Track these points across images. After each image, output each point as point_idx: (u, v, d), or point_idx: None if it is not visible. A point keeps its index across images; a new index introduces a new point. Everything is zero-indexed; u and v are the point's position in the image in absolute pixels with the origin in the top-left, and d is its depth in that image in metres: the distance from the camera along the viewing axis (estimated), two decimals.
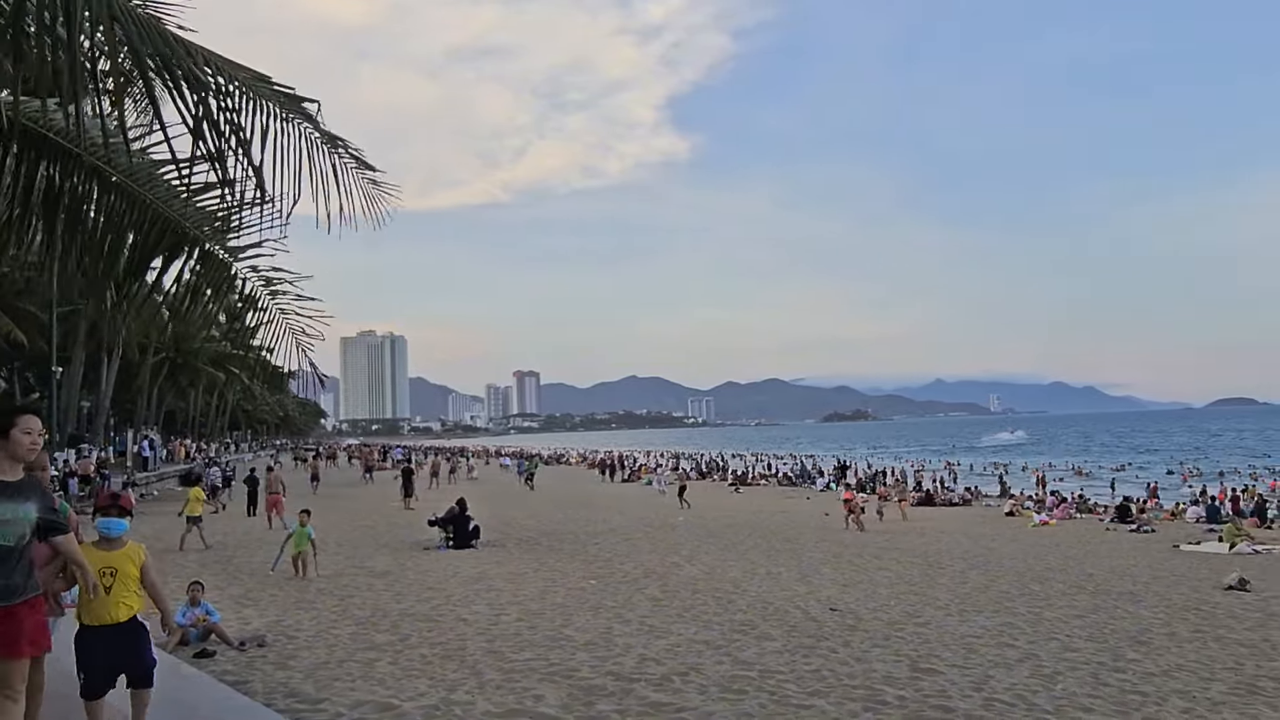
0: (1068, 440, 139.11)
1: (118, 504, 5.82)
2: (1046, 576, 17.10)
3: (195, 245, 7.04)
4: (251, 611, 12.22)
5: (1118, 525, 29.36)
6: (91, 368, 46.44)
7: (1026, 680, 9.17)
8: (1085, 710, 8.20)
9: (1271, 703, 8.76)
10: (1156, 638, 11.66)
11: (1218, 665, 10.25)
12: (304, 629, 11.05)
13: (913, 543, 22.84)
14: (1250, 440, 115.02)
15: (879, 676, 9.09)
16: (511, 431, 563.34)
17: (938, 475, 60.78)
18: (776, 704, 7.98)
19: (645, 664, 9.37)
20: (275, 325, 7.34)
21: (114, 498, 5.96)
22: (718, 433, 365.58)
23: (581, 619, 11.82)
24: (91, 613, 5.39)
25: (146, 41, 5.09)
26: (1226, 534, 23.81)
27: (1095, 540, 25.08)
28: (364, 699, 7.89)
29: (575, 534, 22.59)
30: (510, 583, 14.82)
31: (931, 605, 13.59)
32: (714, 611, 12.53)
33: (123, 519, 5.72)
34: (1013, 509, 34.90)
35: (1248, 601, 14.77)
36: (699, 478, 60.97)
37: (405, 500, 30.94)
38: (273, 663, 9.26)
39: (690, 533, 23.46)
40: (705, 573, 16.33)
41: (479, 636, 10.62)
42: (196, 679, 7.75)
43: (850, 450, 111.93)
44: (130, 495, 6.76)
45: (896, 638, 11.09)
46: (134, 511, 6.19)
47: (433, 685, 8.40)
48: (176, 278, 7.16)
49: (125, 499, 6.04)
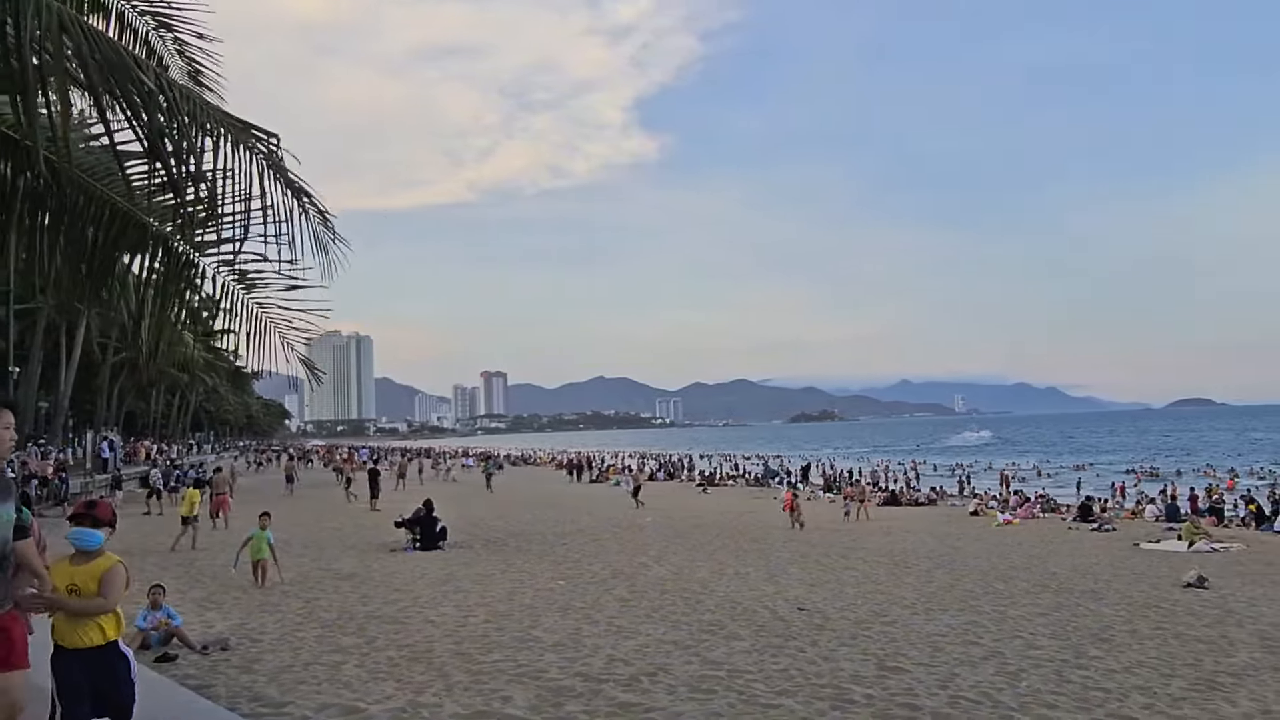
0: (1031, 440, 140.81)
1: (92, 513, 5.16)
2: (1010, 575, 17.28)
3: (159, 242, 6.95)
4: (214, 615, 12.07)
5: (1080, 524, 29.73)
6: (50, 367, 45.62)
7: (991, 678, 9.26)
8: (1049, 707, 8.29)
9: (1230, 698, 8.91)
10: (1118, 635, 11.83)
11: (1178, 661, 10.41)
12: (268, 632, 10.92)
13: (879, 542, 23.00)
14: (1207, 440, 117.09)
15: (846, 675, 9.15)
16: (479, 432, 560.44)
17: (904, 476, 61.23)
18: (745, 703, 8.00)
19: (614, 664, 9.36)
20: (255, 322, 7.26)
21: (89, 505, 5.30)
22: (685, 433, 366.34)
23: (550, 620, 11.79)
24: (58, 631, 4.92)
25: (96, 51, 5.21)
26: (1185, 532, 24.19)
27: (1058, 539, 25.37)
28: (329, 702, 7.82)
29: (543, 535, 22.53)
30: (478, 584, 14.75)
31: (898, 604, 13.69)
32: (682, 612, 12.54)
33: (97, 529, 5.08)
34: (977, 508, 35.23)
35: (1206, 599, 15.02)
36: (666, 478, 61.00)
37: (371, 502, 30.69)
38: (236, 666, 9.15)
39: (658, 533, 23.48)
40: (673, 573, 16.34)
41: (446, 638, 10.56)
42: (158, 684, 7.63)
43: (817, 451, 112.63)
44: (109, 503, 5.79)
45: (864, 637, 11.17)
46: (114, 522, 5.43)
47: (400, 688, 8.34)
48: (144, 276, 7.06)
49: (102, 507, 5.33)
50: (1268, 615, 13.60)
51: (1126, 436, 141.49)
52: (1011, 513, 33.02)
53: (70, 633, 4.88)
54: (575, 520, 26.94)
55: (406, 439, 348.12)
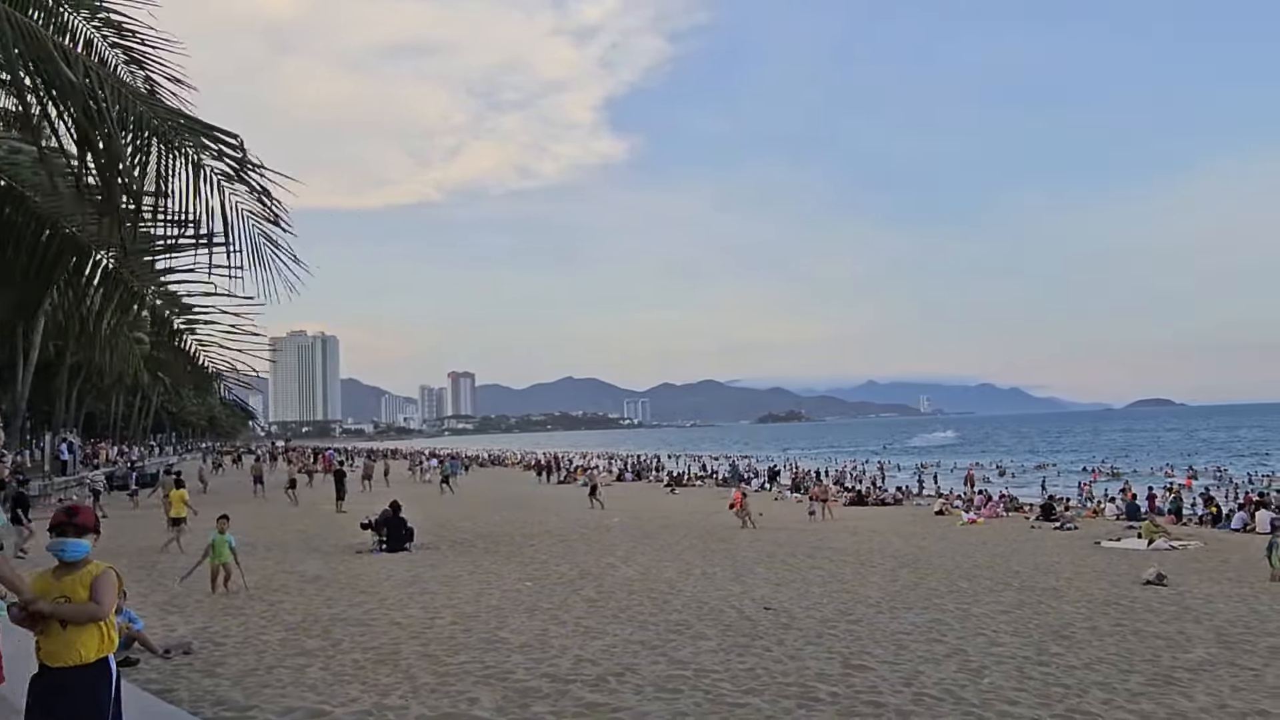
0: (994, 440, 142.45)
1: (74, 521, 4.74)
2: (974, 574, 17.48)
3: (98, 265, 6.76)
4: (177, 618, 11.92)
5: (1042, 523, 30.13)
6: (7, 368, 44.79)
7: (955, 675, 9.37)
8: (1011, 703, 8.40)
9: (1186, 692, 9.08)
10: (1079, 632, 12.01)
11: (1136, 657, 10.59)
12: (232, 635, 10.82)
13: (845, 542, 23.17)
14: (1166, 440, 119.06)
15: (812, 674, 9.21)
16: (446, 433, 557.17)
17: (870, 475, 61.69)
18: (711, 703, 8.04)
19: (581, 665, 9.36)
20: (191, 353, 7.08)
21: (70, 513, 4.83)
22: (653, 434, 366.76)
23: (517, 621, 11.77)
24: (43, 649, 4.50)
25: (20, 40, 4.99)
26: (1145, 531, 24.60)
27: (1021, 538, 25.71)
28: (294, 705, 7.76)
29: (511, 536, 22.47)
30: (445, 585, 14.69)
31: (863, 603, 13.80)
32: (649, 612, 12.57)
33: (81, 539, 4.67)
34: (942, 508, 35.59)
35: (1164, 595, 15.29)
36: (635, 479, 61.03)
37: (337, 504, 30.44)
38: (199, 670, 9.05)
39: (626, 534, 23.50)
40: (641, 573, 16.37)
41: (413, 640, 10.51)
42: None
43: (785, 451, 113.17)
44: (92, 509, 5.29)
45: (829, 635, 11.25)
46: (98, 528, 5.02)
47: (365, 690, 8.29)
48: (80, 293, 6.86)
49: (85, 514, 4.89)
50: (1223, 612, 13.88)
51: (1086, 436, 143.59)
52: (976, 512, 33.40)
53: (61, 648, 4.45)
54: (543, 521, 26.89)
55: (373, 440, 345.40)
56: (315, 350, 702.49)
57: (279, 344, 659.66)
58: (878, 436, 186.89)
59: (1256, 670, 10.18)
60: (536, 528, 24.69)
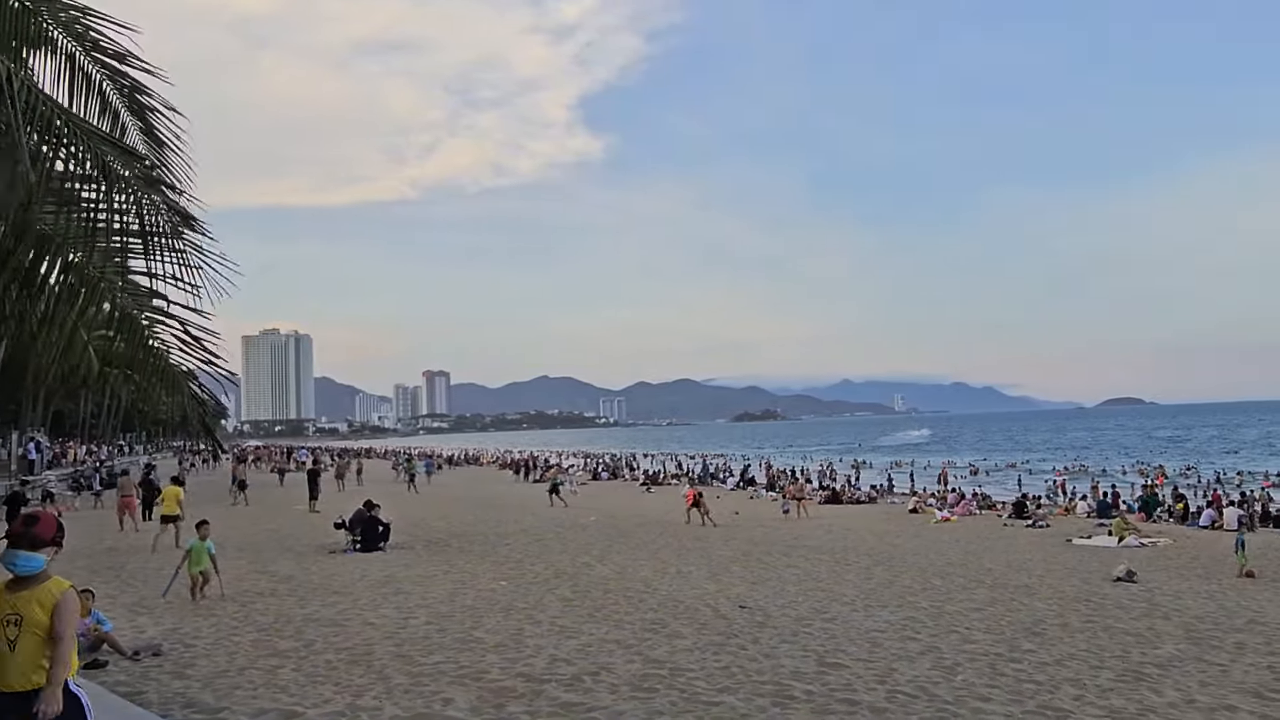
0: (967, 438, 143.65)
1: (30, 532, 4.32)
2: (947, 571, 17.61)
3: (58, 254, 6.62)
4: (146, 620, 11.79)
5: (1015, 521, 30.39)
6: None
7: (928, 672, 9.44)
8: (983, 700, 8.47)
9: (1155, 688, 9.19)
10: (1050, 628, 12.12)
11: (1106, 654, 10.71)
12: (203, 636, 10.71)
13: (820, 540, 23.26)
14: (1134, 438, 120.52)
15: (787, 672, 9.24)
16: (421, 432, 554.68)
17: (845, 474, 62.02)
18: (686, 701, 8.05)
19: (556, 664, 9.34)
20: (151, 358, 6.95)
21: (29, 521, 4.42)
22: (629, 433, 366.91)
23: (492, 621, 11.73)
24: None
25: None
26: (1115, 528, 24.88)
27: (993, 536, 25.91)
28: (266, 707, 7.69)
29: (486, 535, 22.40)
30: (419, 585, 14.61)
31: (838, 601, 13.87)
32: (625, 611, 12.56)
33: (35, 552, 4.27)
34: (916, 506, 35.82)
35: (1134, 592, 15.46)
36: (610, 478, 61.02)
37: (310, 503, 30.19)
38: (169, 672, 8.95)
39: (601, 533, 23.48)
40: (616, 572, 16.36)
41: (386, 640, 10.44)
42: (87, 691, 7.43)
43: (760, 450, 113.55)
44: (54, 516, 4.80)
45: (804, 633, 11.29)
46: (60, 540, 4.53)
47: (338, 691, 8.23)
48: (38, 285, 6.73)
49: (44, 524, 4.43)
50: (1192, 608, 14.06)
51: (1057, 434, 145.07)
52: (949, 510, 33.65)
53: (11, 672, 4.15)
54: (519, 520, 26.82)
55: (347, 439, 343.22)
56: (288, 348, 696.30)
57: (252, 342, 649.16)
58: (853, 435, 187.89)
59: (1224, 666, 10.32)
60: (511, 527, 24.62)
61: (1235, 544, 18.68)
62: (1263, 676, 9.88)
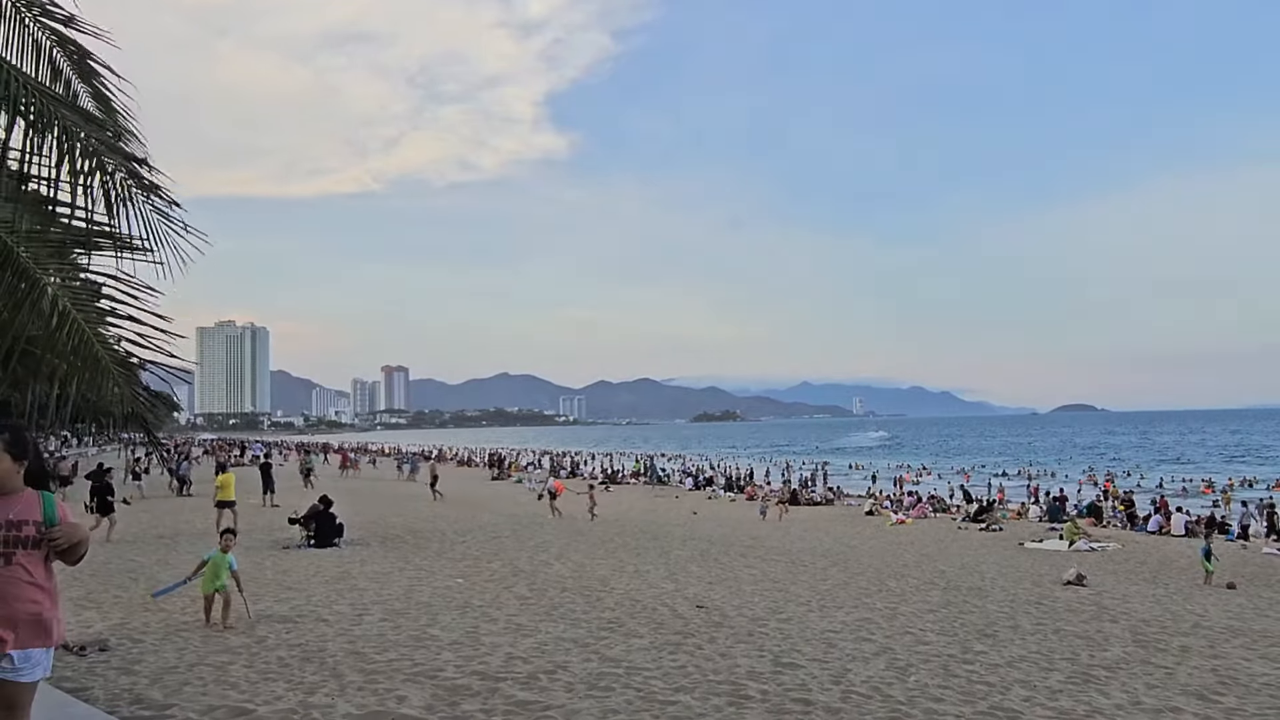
0: (923, 441, 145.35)
1: None
2: (902, 573, 17.79)
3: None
4: (93, 614, 11.54)
5: (969, 524, 30.81)
6: None
7: (882, 673, 9.51)
8: (936, 700, 8.55)
9: (1103, 690, 9.34)
10: (1002, 630, 12.29)
11: (1056, 655, 10.87)
12: (151, 631, 10.50)
13: (777, 541, 23.40)
14: (1085, 443, 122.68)
15: (742, 671, 9.27)
16: (378, 427, 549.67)
17: (810, 475, 62.40)
18: (642, 700, 8.03)
19: (512, 662, 9.29)
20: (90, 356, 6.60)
21: None
22: (589, 431, 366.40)
23: (447, 618, 11.64)
24: None
25: None
26: (1066, 532, 25.31)
27: (948, 538, 26.24)
28: (216, 704, 7.55)
29: (443, 532, 22.23)
30: (374, 582, 14.46)
31: (794, 601, 13.95)
32: (582, 609, 12.53)
33: None
34: (872, 508, 36.17)
35: (1084, 595, 15.73)
36: (569, 476, 60.92)
37: (265, 498, 29.76)
38: (116, 668, 8.76)
39: (559, 531, 23.41)
40: (574, 571, 16.32)
41: (340, 637, 10.32)
42: None
43: (723, 450, 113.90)
44: None
45: (760, 633, 11.34)
46: None
47: (290, 688, 8.11)
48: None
49: None
50: (1139, 611, 14.33)
51: (1012, 438, 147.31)
52: (905, 513, 34.02)
53: None
54: (475, 517, 26.67)
55: (303, 433, 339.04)
56: (244, 341, 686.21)
57: (207, 334, 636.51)
58: (812, 437, 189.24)
59: (1169, 669, 10.53)
60: (469, 524, 24.47)
61: (1203, 552, 18.92)
62: (1206, 679, 10.10)
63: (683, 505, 36.95)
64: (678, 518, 30.04)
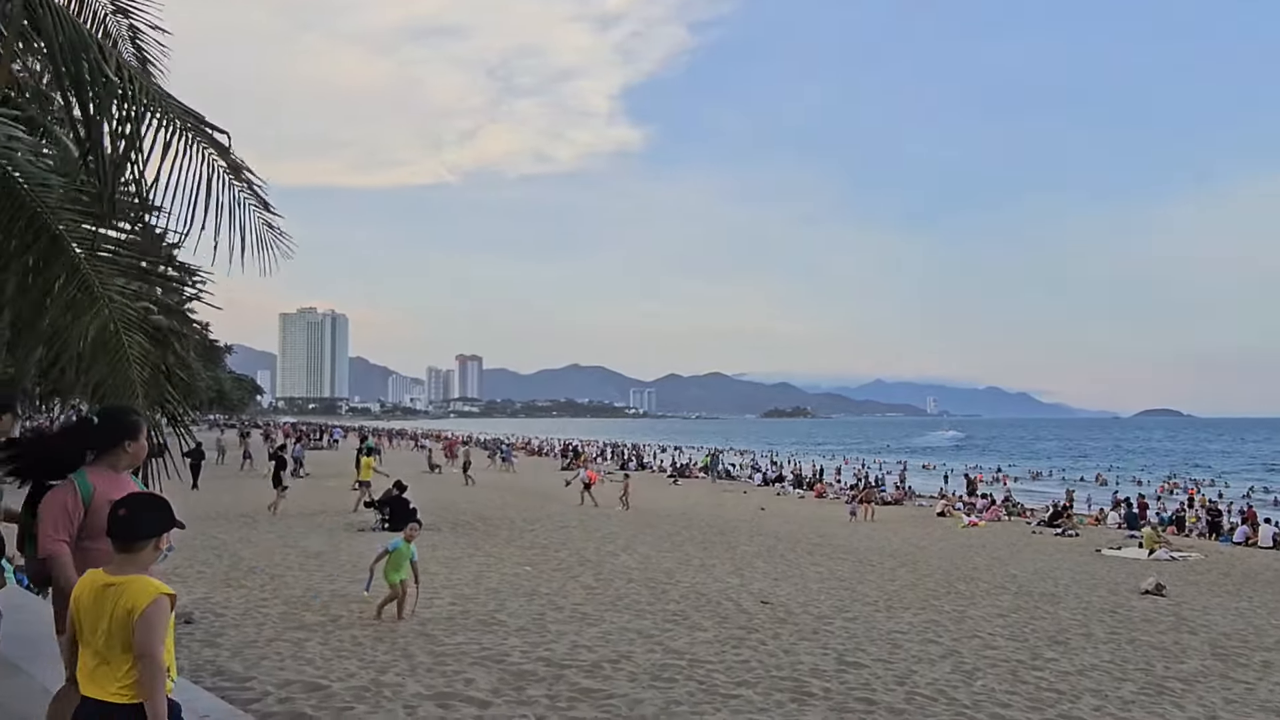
0: (999, 443, 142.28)
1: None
2: (972, 576, 17.51)
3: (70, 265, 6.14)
4: (179, 587, 11.94)
5: (1044, 528, 30.13)
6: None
7: (948, 676, 9.42)
8: (1003, 706, 8.45)
9: (1179, 703, 9.12)
10: (1074, 638, 12.04)
11: (1130, 666, 10.62)
12: (233, 606, 10.91)
13: (845, 540, 23.21)
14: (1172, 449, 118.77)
15: (806, 669, 9.27)
16: (451, 415, 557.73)
17: (883, 475, 61.56)
18: (705, 693, 8.10)
19: (577, 650, 9.43)
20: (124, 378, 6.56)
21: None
22: (658, 424, 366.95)
23: (515, 604, 11.84)
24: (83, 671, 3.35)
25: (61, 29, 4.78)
26: (1146, 540, 24.58)
27: (1021, 542, 25.71)
28: (292, 678, 7.83)
29: (512, 520, 22.54)
30: (444, 567, 14.76)
31: (860, 601, 13.85)
32: (647, 601, 12.63)
33: None
34: (944, 509, 35.58)
35: (1162, 606, 15.29)
36: (638, 468, 61.14)
37: (278, 492, 23.27)
38: (200, 640, 9.13)
39: (625, 523, 23.57)
40: (640, 562, 16.43)
41: (410, 619, 10.58)
42: None
43: (795, 447, 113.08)
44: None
45: (825, 631, 11.30)
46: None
47: (363, 666, 8.37)
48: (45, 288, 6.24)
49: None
50: (1220, 624, 13.89)
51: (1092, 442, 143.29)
52: (977, 515, 33.40)
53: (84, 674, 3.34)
54: (544, 506, 26.99)
55: (379, 419, 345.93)
56: (325, 327, 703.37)
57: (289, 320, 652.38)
58: (885, 436, 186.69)
59: (1249, 684, 10.21)
60: (537, 513, 24.78)
61: None
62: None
63: (750, 501, 36.83)
64: (745, 513, 29.95)
